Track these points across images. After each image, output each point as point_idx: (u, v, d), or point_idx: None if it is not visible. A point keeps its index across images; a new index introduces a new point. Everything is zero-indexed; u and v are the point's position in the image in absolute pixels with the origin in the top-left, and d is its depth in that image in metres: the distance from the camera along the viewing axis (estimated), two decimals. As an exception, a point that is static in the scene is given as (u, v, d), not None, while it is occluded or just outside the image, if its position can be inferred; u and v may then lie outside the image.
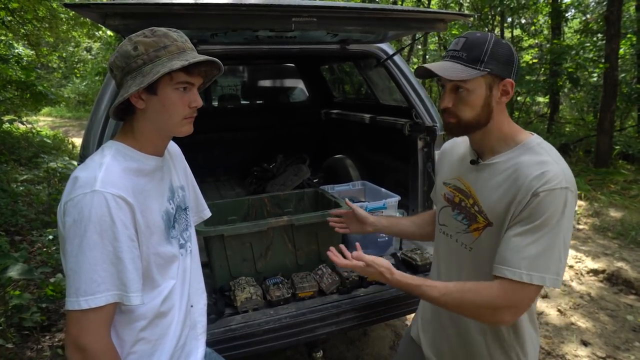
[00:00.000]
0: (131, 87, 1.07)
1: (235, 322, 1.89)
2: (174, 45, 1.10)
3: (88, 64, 20.96)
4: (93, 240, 1.01)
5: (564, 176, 1.15)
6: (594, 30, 9.93)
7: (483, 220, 1.27)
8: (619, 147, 8.30)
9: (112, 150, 1.14)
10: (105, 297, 1.02)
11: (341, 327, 2.00)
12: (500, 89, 1.22)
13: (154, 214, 1.16)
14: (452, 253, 1.42)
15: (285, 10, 1.88)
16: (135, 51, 1.09)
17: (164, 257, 1.18)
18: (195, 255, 1.40)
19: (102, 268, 1.01)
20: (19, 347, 2.94)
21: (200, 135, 3.74)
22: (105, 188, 1.03)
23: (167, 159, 1.31)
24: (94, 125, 2.20)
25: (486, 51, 1.18)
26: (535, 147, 1.23)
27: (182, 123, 1.16)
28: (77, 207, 1.02)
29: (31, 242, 4.52)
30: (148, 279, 1.15)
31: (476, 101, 1.21)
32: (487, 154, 1.30)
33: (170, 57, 1.09)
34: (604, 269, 4.16)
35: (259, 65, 5.04)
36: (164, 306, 1.20)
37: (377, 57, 2.90)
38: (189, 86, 1.13)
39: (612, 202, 6.08)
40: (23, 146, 8.72)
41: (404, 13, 2.12)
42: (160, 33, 1.11)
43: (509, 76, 1.21)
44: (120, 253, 1.03)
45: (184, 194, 1.37)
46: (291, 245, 2.23)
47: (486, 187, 1.27)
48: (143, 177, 1.15)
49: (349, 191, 2.87)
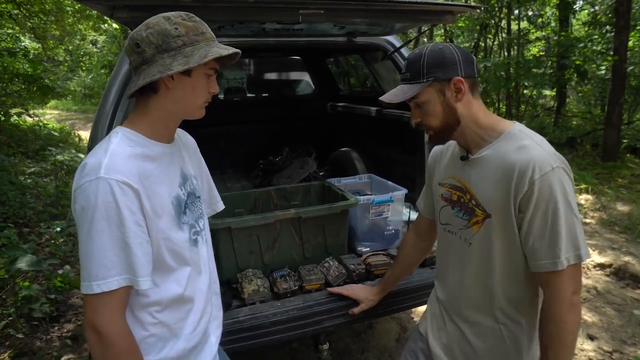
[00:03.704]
0: (174, 66, 1.08)
1: (243, 314, 1.90)
2: (208, 33, 1.15)
3: (94, 57, 20.97)
4: (101, 226, 1.03)
5: (550, 156, 1.19)
6: (602, 22, 9.81)
7: (481, 213, 1.30)
8: (626, 140, 8.22)
9: (118, 136, 1.14)
10: (117, 281, 1.04)
11: (348, 319, 2.01)
12: (452, 89, 1.27)
13: (163, 199, 1.16)
14: (456, 250, 1.44)
15: (292, 2, 1.87)
16: (176, 31, 1.10)
17: (176, 243, 1.19)
18: (210, 246, 1.42)
19: (112, 253, 1.04)
20: (29, 337, 2.98)
21: (207, 128, 3.75)
22: (110, 174, 1.04)
23: (179, 146, 1.32)
24: (102, 118, 2.20)
25: (423, 63, 1.26)
26: (517, 133, 1.27)
27: (202, 106, 1.21)
28: (84, 195, 1.04)
29: (39, 234, 4.56)
30: (161, 264, 1.16)
31: (435, 108, 1.29)
32: (473, 148, 1.34)
33: (207, 43, 1.13)
34: (611, 263, 4.14)
35: (265, 58, 5.02)
36: (183, 291, 1.22)
37: (384, 49, 2.89)
38: (214, 73, 1.18)
39: (619, 196, 6.04)
40: (30, 139, 8.76)
41: (412, 5, 2.11)
42: (197, 19, 1.16)
43: (456, 74, 1.26)
44: (127, 238, 1.05)
45: (197, 182, 1.37)
46: (298, 238, 2.24)
47: (479, 180, 1.31)
48: (150, 162, 1.16)
49: (356, 184, 2.86)
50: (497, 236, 1.28)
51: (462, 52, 1.29)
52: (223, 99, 4.75)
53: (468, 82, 1.28)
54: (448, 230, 1.47)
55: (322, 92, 4.95)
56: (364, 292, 1.98)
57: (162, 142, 1.22)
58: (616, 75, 7.60)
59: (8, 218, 4.74)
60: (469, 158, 1.35)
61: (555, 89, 10.54)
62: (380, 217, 2.44)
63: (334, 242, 2.33)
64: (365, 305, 1.95)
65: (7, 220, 4.68)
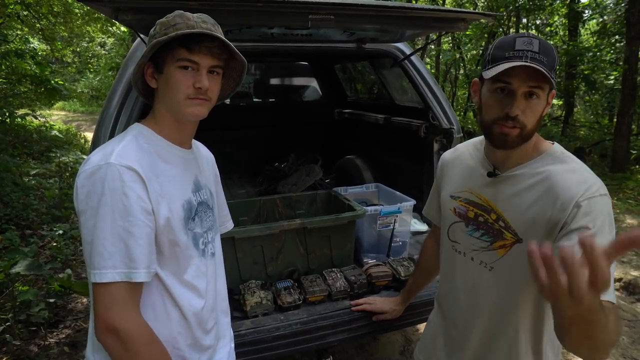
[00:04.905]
0: (139, 61, 1.10)
1: (245, 327, 1.84)
2: (184, 23, 1.08)
3: (102, 59, 21.11)
4: (104, 213, 1.00)
5: (600, 184, 1.10)
6: (612, 32, 9.74)
7: (511, 237, 1.19)
8: (636, 152, 8.14)
9: (135, 131, 1.15)
10: (111, 274, 1.00)
11: (353, 334, 1.95)
12: (549, 99, 1.14)
13: (174, 200, 1.13)
14: (467, 272, 1.32)
15: (301, 7, 1.82)
16: (154, 31, 1.12)
17: (178, 245, 1.14)
18: (220, 262, 1.36)
19: (110, 243, 1.00)
20: (26, 343, 2.93)
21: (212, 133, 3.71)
22: (119, 161, 1.02)
23: (196, 156, 1.29)
24: (105, 121, 2.17)
25: (557, 60, 1.10)
26: (560, 155, 1.17)
27: (187, 103, 1.11)
28: (91, 179, 1.02)
29: (41, 236, 4.52)
30: (160, 256, 1.12)
31: (540, 110, 1.12)
32: (508, 164, 1.21)
33: (178, 34, 1.07)
34: (620, 277, 4.05)
35: (272, 63, 4.99)
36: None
37: (394, 56, 2.84)
38: (194, 66, 1.09)
39: (628, 209, 5.95)
40: (35, 140, 8.78)
41: (424, 12, 2.06)
42: (177, 13, 1.12)
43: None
44: (131, 227, 1.01)
45: (211, 195, 1.32)
46: (303, 249, 2.19)
47: (512, 201, 1.19)
48: (164, 162, 1.14)
49: (363, 193, 2.81)
50: (524, 263, 1.17)
51: None
52: (229, 103, 4.72)
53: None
54: (455, 249, 1.36)
55: (329, 98, 4.91)
56: (386, 304, 1.93)
57: (177, 146, 1.20)
58: (626, 85, 7.53)
59: (10, 220, 4.72)
60: (497, 175, 1.23)
61: (563, 98, 10.47)
62: (387, 228, 2.38)
63: (340, 253, 2.27)
64: (389, 316, 1.90)
65: (10, 222, 4.65)
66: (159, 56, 1.10)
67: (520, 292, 1.20)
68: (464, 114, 13.20)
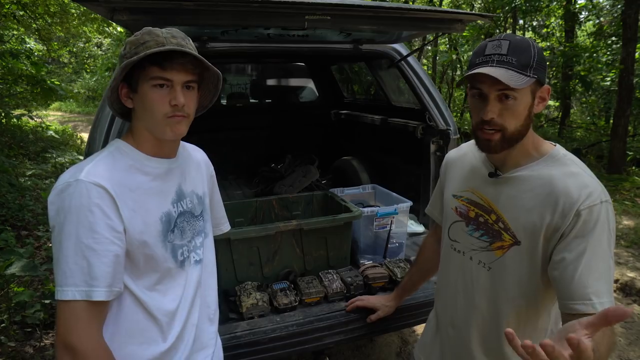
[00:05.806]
0: (108, 85, 1.10)
1: (240, 328, 1.83)
2: (153, 41, 1.05)
3: (98, 59, 21.02)
4: (68, 230, 1.00)
5: (601, 189, 1.09)
6: (608, 33, 9.78)
7: (510, 239, 1.19)
8: (632, 153, 8.17)
9: (113, 147, 1.15)
10: (71, 292, 0.99)
11: (349, 336, 1.94)
12: (538, 96, 1.14)
13: (151, 214, 1.12)
14: (465, 272, 1.33)
15: (298, 7, 1.81)
16: (123, 51, 1.09)
17: (154, 258, 1.12)
18: (207, 267, 1.33)
19: (73, 260, 0.99)
20: (21, 344, 2.91)
21: (208, 134, 3.70)
22: (89, 178, 1.02)
23: (181, 164, 1.26)
24: (100, 122, 2.15)
25: (534, 56, 1.08)
26: (562, 158, 1.16)
27: (166, 122, 1.09)
28: (61, 196, 1.02)
29: (37, 237, 4.50)
30: (135, 269, 1.11)
31: (522, 111, 1.10)
32: (508, 165, 1.21)
33: (148, 52, 1.04)
34: (617, 278, 4.06)
35: (269, 64, 4.98)
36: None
37: (390, 57, 2.84)
38: (168, 83, 1.07)
39: (624, 210, 5.97)
40: (32, 140, 8.74)
41: (421, 13, 2.06)
42: (145, 30, 1.09)
43: (546, 81, 1.14)
44: (95, 244, 1.00)
45: (199, 201, 1.30)
46: (299, 250, 2.18)
47: (513, 203, 1.18)
48: (142, 175, 1.13)
49: (359, 194, 2.80)
50: (525, 265, 1.17)
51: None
52: (226, 104, 4.71)
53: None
54: (455, 248, 1.37)
55: (326, 99, 4.90)
56: (378, 299, 1.92)
57: (159, 157, 1.17)
58: (623, 87, 7.56)
59: (6, 220, 4.70)
60: (499, 175, 1.22)
61: (560, 99, 10.50)
62: (383, 230, 2.38)
63: (337, 254, 2.27)
64: (382, 312, 1.88)
65: (6, 222, 4.63)
66: (132, 76, 1.09)
67: (516, 292, 1.20)
68: (461, 115, 13.23)
